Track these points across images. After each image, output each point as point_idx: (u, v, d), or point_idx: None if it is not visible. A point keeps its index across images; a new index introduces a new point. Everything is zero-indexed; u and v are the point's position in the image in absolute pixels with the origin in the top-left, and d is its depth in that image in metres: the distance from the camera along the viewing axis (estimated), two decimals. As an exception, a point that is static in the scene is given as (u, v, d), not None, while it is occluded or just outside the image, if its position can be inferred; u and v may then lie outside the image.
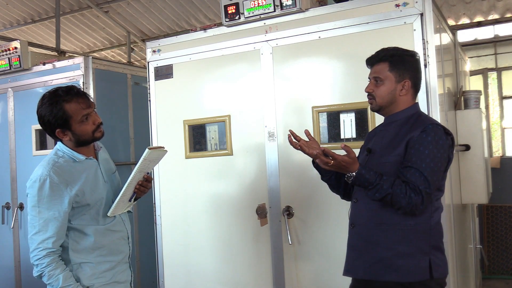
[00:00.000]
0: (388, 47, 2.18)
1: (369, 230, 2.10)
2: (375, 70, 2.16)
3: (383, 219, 2.06)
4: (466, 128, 3.32)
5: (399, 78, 2.11)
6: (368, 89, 2.17)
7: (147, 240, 4.02)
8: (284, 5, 2.87)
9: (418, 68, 2.17)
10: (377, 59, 2.16)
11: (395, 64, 2.11)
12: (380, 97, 2.14)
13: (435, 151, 1.96)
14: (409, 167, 1.97)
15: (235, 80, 3.11)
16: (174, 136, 3.28)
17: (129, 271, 2.35)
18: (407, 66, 2.12)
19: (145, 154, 2.09)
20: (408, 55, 2.16)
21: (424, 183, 1.93)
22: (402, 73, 2.11)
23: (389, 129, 2.15)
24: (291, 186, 2.93)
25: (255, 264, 3.04)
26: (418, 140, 1.98)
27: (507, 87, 6.63)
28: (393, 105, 2.14)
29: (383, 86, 2.13)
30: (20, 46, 4.23)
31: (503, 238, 5.75)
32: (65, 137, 2.16)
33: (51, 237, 2.05)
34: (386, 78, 2.12)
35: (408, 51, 2.19)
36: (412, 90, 2.14)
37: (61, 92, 2.11)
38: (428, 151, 1.95)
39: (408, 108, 2.14)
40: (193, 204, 3.24)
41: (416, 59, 2.18)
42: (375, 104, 2.17)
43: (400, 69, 2.11)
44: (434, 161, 1.95)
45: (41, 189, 2.06)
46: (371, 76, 2.18)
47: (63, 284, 2.03)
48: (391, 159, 2.05)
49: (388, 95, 2.13)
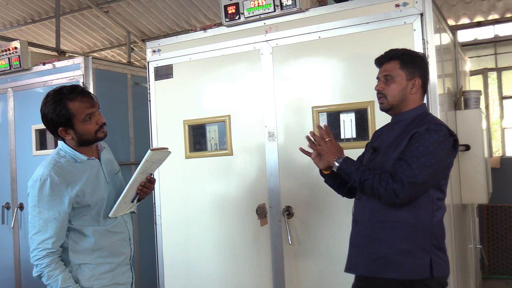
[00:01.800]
0: (397, 48, 2.20)
1: (371, 227, 2.10)
2: (385, 68, 2.16)
3: (385, 217, 2.06)
4: (466, 128, 3.32)
5: (409, 76, 2.12)
6: (379, 87, 2.17)
7: (147, 240, 4.02)
8: (284, 5, 2.87)
9: (427, 69, 2.19)
10: (387, 58, 2.17)
11: (406, 62, 2.12)
12: (391, 95, 2.14)
13: (431, 149, 1.95)
14: (400, 159, 1.99)
15: (235, 80, 3.11)
16: (174, 136, 3.28)
17: (130, 273, 2.33)
18: (417, 65, 2.14)
19: (147, 156, 2.06)
20: (418, 56, 2.19)
21: (407, 173, 1.93)
22: (413, 71, 2.12)
23: (396, 128, 2.16)
24: (291, 186, 2.93)
25: (255, 264, 3.04)
26: (417, 137, 1.99)
27: (507, 87, 6.64)
28: (403, 103, 2.14)
29: (394, 84, 2.13)
30: (20, 46, 4.23)
31: (503, 238, 5.75)
32: (67, 136, 2.14)
33: (50, 238, 2.04)
34: (397, 76, 2.12)
35: (417, 52, 2.23)
36: (421, 90, 2.16)
37: (65, 91, 2.11)
38: (422, 147, 1.95)
39: (416, 108, 2.14)
40: (193, 204, 3.24)
41: (425, 61, 2.21)
42: (386, 103, 2.16)
43: (410, 67, 2.12)
44: (427, 156, 1.94)
45: (41, 189, 2.05)
46: (380, 75, 2.18)
47: (62, 285, 2.03)
48: (393, 156, 2.06)
49: (399, 93, 2.13)
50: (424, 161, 1.94)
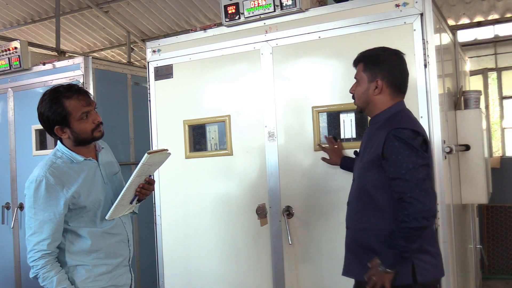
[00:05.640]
0: (372, 48, 2.21)
1: (356, 234, 2.15)
2: (356, 71, 2.21)
3: (364, 224, 2.10)
4: (466, 128, 3.32)
5: (371, 78, 2.12)
6: (351, 89, 2.23)
7: (147, 240, 4.02)
8: (284, 5, 2.87)
9: (396, 66, 2.13)
10: (356, 60, 2.21)
11: (368, 64, 2.14)
12: (357, 98, 2.20)
13: (407, 153, 1.95)
14: (393, 179, 1.97)
15: (235, 80, 3.11)
16: (174, 136, 3.28)
17: (129, 274, 2.31)
18: (381, 65, 2.11)
19: (144, 159, 2.03)
20: (386, 53, 2.14)
21: (408, 187, 1.92)
22: (374, 72, 2.11)
23: (371, 131, 2.17)
24: (291, 186, 2.93)
25: (255, 264, 3.04)
26: (388, 150, 1.98)
27: (507, 87, 6.64)
28: (370, 105, 2.15)
29: (359, 86, 2.17)
30: (20, 46, 4.23)
31: (503, 238, 5.75)
32: (64, 135, 2.13)
33: (46, 239, 2.04)
34: (361, 79, 2.16)
35: (388, 49, 2.17)
36: (389, 90, 2.11)
37: (62, 89, 2.10)
38: (400, 156, 1.95)
39: (389, 108, 2.12)
40: (193, 204, 3.24)
41: (397, 57, 2.15)
42: (356, 105, 2.23)
43: (372, 69, 2.12)
44: (410, 160, 1.93)
45: (37, 190, 2.04)
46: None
47: (57, 286, 2.02)
48: (365, 165, 2.10)
49: (362, 95, 2.15)
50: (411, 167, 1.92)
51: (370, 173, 2.07)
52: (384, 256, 1.98)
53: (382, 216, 2.04)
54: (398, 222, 1.94)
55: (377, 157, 2.02)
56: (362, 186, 2.13)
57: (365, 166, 2.09)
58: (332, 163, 2.75)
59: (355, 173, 2.22)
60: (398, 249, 1.93)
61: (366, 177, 2.09)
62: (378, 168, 2.03)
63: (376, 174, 2.04)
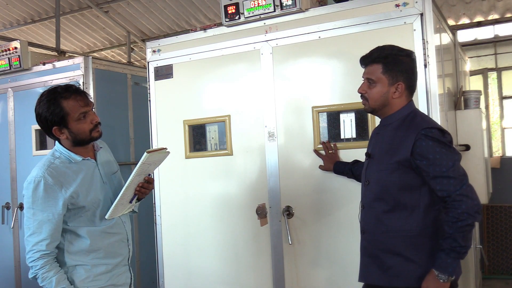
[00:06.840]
0: (384, 46, 2.13)
1: (378, 237, 2.08)
2: (368, 71, 2.12)
3: (388, 227, 2.04)
4: (466, 128, 3.32)
5: (392, 81, 2.06)
6: (361, 89, 2.14)
7: (147, 240, 4.02)
8: (284, 5, 2.87)
9: (413, 68, 2.12)
10: (370, 60, 2.11)
11: (388, 66, 2.06)
12: (372, 100, 2.11)
13: (444, 150, 1.94)
14: (434, 177, 1.93)
15: (235, 80, 3.11)
16: (174, 136, 3.28)
17: (129, 274, 2.31)
18: (401, 68, 2.07)
19: (143, 158, 2.03)
20: (403, 55, 2.10)
21: (454, 184, 1.90)
22: (396, 75, 2.06)
23: (385, 132, 2.12)
24: (291, 186, 2.93)
25: (255, 264, 3.04)
26: (423, 150, 1.95)
27: (507, 87, 6.64)
28: (386, 107, 2.10)
29: (376, 88, 2.08)
30: (20, 46, 4.23)
31: (503, 238, 5.75)
32: (62, 136, 2.13)
33: (45, 239, 2.04)
34: (379, 81, 2.07)
35: (403, 50, 2.12)
36: (406, 92, 2.10)
37: (59, 89, 2.10)
38: (438, 155, 1.93)
39: (402, 109, 2.09)
40: (193, 204, 3.24)
41: (412, 59, 2.13)
42: (367, 106, 2.15)
43: (393, 71, 2.06)
44: (449, 157, 1.93)
45: (35, 191, 2.04)
46: (364, 76, 2.14)
47: (56, 286, 2.02)
48: (389, 167, 2.03)
49: (380, 98, 2.09)
50: (451, 164, 1.91)
51: (396, 174, 2.02)
52: (444, 265, 1.91)
53: (407, 217, 2.01)
54: (451, 223, 1.89)
55: (405, 158, 1.98)
56: (383, 188, 2.06)
57: (389, 168, 2.03)
58: (325, 169, 2.76)
59: (371, 175, 2.14)
60: (457, 251, 1.89)
61: (391, 178, 2.03)
62: (405, 169, 2.00)
63: (403, 174, 2.01)
